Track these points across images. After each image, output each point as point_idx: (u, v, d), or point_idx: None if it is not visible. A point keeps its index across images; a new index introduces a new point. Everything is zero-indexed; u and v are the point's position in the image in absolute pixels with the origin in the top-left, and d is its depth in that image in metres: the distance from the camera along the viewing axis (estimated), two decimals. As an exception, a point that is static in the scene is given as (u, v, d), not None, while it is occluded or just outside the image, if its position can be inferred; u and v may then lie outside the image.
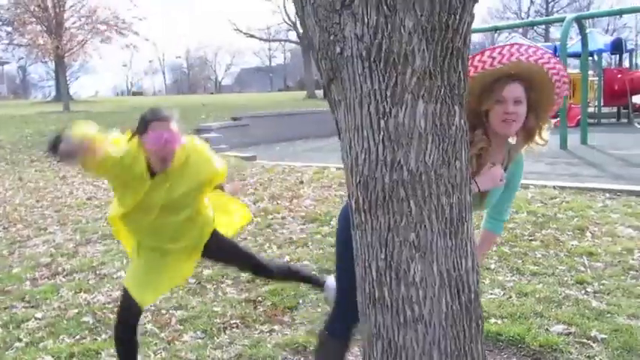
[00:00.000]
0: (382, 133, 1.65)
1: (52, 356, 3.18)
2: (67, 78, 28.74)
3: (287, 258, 4.57)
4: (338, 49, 1.66)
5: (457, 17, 1.59)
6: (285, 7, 36.12)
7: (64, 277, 4.53)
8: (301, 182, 7.55)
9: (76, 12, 25.04)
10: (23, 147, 12.77)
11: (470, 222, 1.81)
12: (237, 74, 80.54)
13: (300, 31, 35.20)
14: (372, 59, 1.60)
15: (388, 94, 1.62)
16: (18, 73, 63.41)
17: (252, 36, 39.25)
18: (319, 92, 30.50)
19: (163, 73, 77.80)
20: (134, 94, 64.34)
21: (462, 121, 1.72)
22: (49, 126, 15.94)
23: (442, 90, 1.64)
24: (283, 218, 5.81)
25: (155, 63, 75.18)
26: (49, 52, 24.20)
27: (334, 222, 5.46)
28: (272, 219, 5.80)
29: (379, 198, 1.71)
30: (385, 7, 1.55)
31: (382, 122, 1.64)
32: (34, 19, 24.37)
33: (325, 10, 1.67)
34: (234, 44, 71.66)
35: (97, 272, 4.58)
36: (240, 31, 37.55)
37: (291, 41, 40.70)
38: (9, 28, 29.46)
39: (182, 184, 2.62)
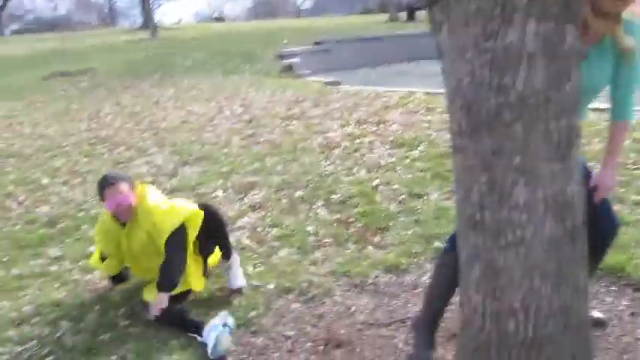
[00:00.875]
0: (489, 54, 1.62)
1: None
2: (151, 5, 29.20)
3: (376, 182, 4.63)
4: (444, -31, 1.62)
5: None
6: None
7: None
8: (387, 107, 7.50)
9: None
10: (117, 74, 13.35)
11: (578, 147, 1.77)
12: (315, -3, 78.89)
13: (383, -52, 33.64)
14: (481, -22, 1.56)
15: (496, 13, 1.57)
16: (106, 2, 65.22)
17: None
18: (402, 15, 29.48)
19: (244, -2, 77.41)
20: (216, 19, 64.80)
21: (575, 41, 1.65)
22: (139, 53, 16.53)
23: (555, 8, 1.58)
24: (370, 143, 5.84)
25: (236, -13, 74.68)
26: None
27: (422, 147, 5.45)
28: (359, 143, 5.85)
29: (483, 121, 1.70)
30: None
31: (490, 43, 1.61)
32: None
33: None
34: (314, -35, 69.68)
35: (196, 191, 4.86)
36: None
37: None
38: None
39: (142, 233, 3.02)
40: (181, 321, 2.86)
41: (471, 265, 1.90)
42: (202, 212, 3.06)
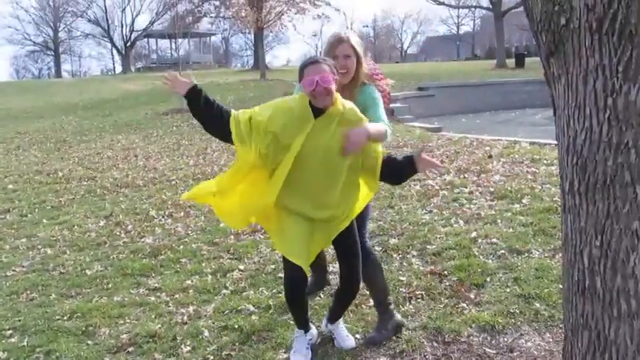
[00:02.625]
0: (608, 111, 1.53)
1: (253, 305, 3.51)
2: (264, 48, 30.66)
3: (474, 234, 4.47)
4: (563, 21, 1.56)
5: None
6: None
7: (262, 234, 4.93)
8: (490, 156, 7.28)
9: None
10: (226, 112, 14.00)
11: None
12: (422, 42, 79.45)
13: (494, -4, 33.46)
14: (603, 31, 1.48)
15: (620, 69, 1.48)
16: (222, 44, 69.41)
17: (441, 3, 38.25)
18: (510, 61, 28.90)
19: (350, 42, 79.29)
20: (322, 62, 66.62)
21: None
22: (249, 93, 17.30)
23: (683, 65, 1.46)
24: (470, 193, 5.67)
25: (343, 32, 76.75)
26: (249, 23, 26.00)
27: (526, 200, 5.21)
28: (458, 193, 5.69)
29: (599, 181, 1.59)
30: (625, -26, 1.41)
31: (609, 100, 1.52)
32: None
33: (550, -21, 1.57)
34: (422, 12, 70.48)
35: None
36: (430, -1, 36.72)
37: (482, 7, 38.99)
38: (217, 2, 32.26)
39: (333, 131, 2.60)
40: (303, 304, 2.89)
41: (577, 334, 1.76)
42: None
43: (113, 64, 65.38)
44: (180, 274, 4.14)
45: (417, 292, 3.58)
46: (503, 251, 4.10)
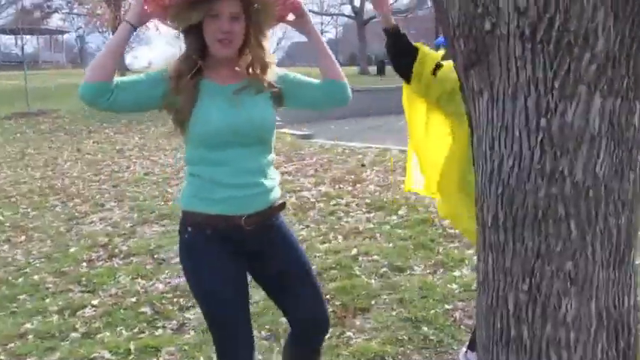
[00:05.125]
0: (542, 134, 1.29)
1: (110, 351, 2.97)
2: (123, 49, 28.82)
3: (354, 251, 4.24)
4: (488, 26, 1.30)
5: (656, -17, 1.20)
6: (341, -20, 35.32)
7: (120, 259, 4.35)
8: (363, 165, 7.20)
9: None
10: (82, 117, 12.85)
11: (636, 249, 1.44)
12: (288, 47, 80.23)
13: (357, 5, 34.51)
14: (537, 39, 1.23)
15: (556, 84, 1.25)
16: (76, 42, 64.84)
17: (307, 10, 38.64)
18: (372, 69, 29.88)
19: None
20: (186, 66, 64.79)
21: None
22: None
23: (625, 81, 1.26)
24: (347, 205, 5.48)
25: (207, 36, 75.04)
26: (107, 22, 24.36)
27: (402, 211, 5.11)
28: (335, 205, 5.48)
29: (528, 215, 1.35)
30: (565, -30, 1.17)
31: (543, 120, 1.28)
32: (94, -11, 24.63)
33: (472, -27, 1.30)
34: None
35: (155, 256, 4.38)
36: (294, 5, 37.00)
37: (345, 15, 39.93)
38: (69, -2, 29.98)
39: None
40: None
41: (500, 390, 1.51)
42: None
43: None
44: (18, 316, 3.44)
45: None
46: (385, 269, 3.91)
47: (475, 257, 3.87)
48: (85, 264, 4.26)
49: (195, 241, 1.92)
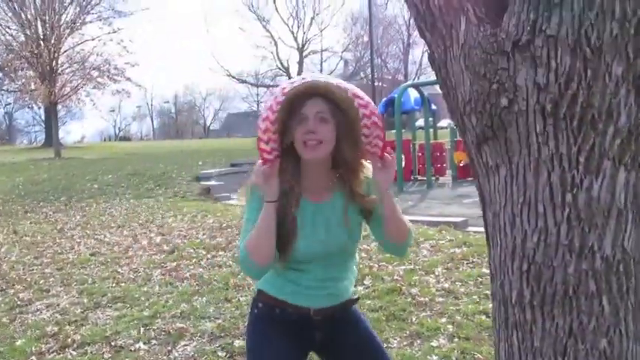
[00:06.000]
0: (568, 209, 1.26)
1: None
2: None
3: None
4: (504, 102, 1.29)
5: (669, 60, 1.23)
6: (277, 53, 36.33)
7: (74, 350, 4.01)
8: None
9: (69, 58, 24.82)
10: (16, 196, 12.23)
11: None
12: (224, 119, 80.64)
13: (293, 76, 35.38)
14: (560, 115, 1.23)
15: (581, 159, 1.24)
16: (4, 119, 62.96)
17: (243, 81, 39.39)
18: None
19: (151, 118, 77.79)
20: (122, 139, 64.04)
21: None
22: (42, 174, 15.45)
23: (645, 153, 1.27)
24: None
25: (144, 108, 74.81)
26: (41, 97, 23.83)
27: (367, 281, 5.03)
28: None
29: (558, 292, 1.31)
30: (587, 49, 1.18)
31: (569, 196, 1.26)
32: (27, 65, 24.16)
33: (484, 52, 1.30)
34: (224, 89, 71.65)
35: (112, 343, 4.07)
36: (233, 77, 37.68)
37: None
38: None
39: None
40: None
41: None
42: None
43: None
44: None
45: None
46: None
47: (450, 326, 3.81)
48: (34, 357, 3.90)
49: (263, 314, 1.98)
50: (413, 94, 14.31)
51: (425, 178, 12.92)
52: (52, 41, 23.46)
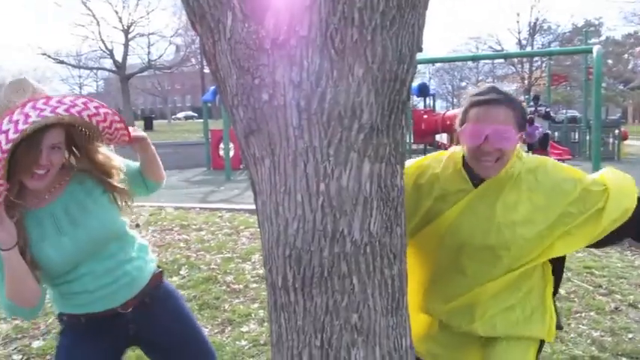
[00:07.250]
0: (322, 198, 1.37)
1: None
2: None
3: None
4: (265, 96, 1.36)
5: (405, 67, 1.38)
6: (100, 34, 34.12)
7: None
8: (137, 225, 6.87)
9: None
10: None
11: (407, 294, 1.60)
12: (43, 102, 73.74)
13: (118, 59, 33.52)
14: (312, 111, 1.33)
15: (331, 152, 1.35)
16: None
17: (61, 62, 36.36)
18: (138, 124, 29.09)
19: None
20: None
21: (402, 182, 1.51)
22: None
23: (387, 148, 1.42)
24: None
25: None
26: None
27: (183, 271, 4.98)
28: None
29: (315, 274, 1.42)
30: (332, 51, 1.29)
31: (322, 185, 1.37)
32: None
33: (248, 48, 1.36)
34: (39, 70, 65.59)
35: None
36: (49, 57, 34.61)
37: (106, 69, 38.35)
38: None
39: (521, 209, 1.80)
40: None
41: None
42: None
43: None
44: None
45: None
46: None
47: (261, 311, 3.93)
48: None
49: (70, 327, 1.92)
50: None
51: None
52: None
